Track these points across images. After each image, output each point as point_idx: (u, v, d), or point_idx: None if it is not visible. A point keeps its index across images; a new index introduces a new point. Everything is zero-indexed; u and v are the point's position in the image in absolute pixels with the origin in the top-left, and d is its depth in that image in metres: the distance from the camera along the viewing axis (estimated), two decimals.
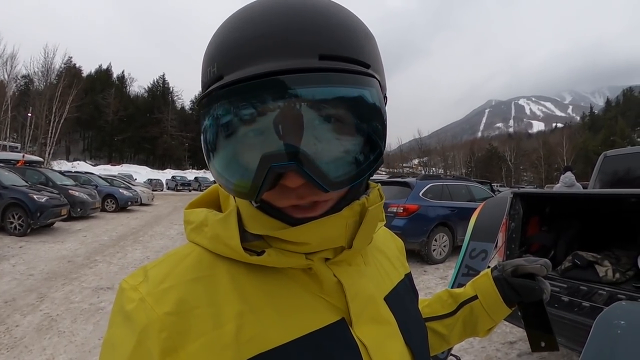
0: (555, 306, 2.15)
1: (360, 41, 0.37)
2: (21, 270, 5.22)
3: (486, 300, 0.63)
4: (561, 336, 2.07)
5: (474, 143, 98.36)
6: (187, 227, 0.44)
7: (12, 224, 7.69)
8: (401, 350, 0.45)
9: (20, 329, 3.31)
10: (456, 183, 7.56)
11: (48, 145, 38.30)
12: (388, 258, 0.55)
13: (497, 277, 0.63)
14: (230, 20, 0.37)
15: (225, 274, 0.39)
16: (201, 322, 0.35)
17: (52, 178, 10.93)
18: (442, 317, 0.65)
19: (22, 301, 4.00)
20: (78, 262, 5.84)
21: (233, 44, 0.35)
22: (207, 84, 0.36)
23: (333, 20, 0.35)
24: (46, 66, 45.02)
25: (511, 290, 0.61)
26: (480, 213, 2.80)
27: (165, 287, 0.37)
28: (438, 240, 6.54)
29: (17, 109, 39.40)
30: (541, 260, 0.62)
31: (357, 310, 0.42)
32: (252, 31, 0.34)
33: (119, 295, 0.38)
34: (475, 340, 3.40)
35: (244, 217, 0.41)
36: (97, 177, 16.05)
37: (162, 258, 0.41)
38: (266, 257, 0.38)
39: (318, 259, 0.41)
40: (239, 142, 0.34)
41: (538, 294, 0.60)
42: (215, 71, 0.35)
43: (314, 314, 0.40)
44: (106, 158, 61.29)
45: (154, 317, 0.35)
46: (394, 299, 0.49)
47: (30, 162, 13.26)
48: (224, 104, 0.33)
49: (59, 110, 39.47)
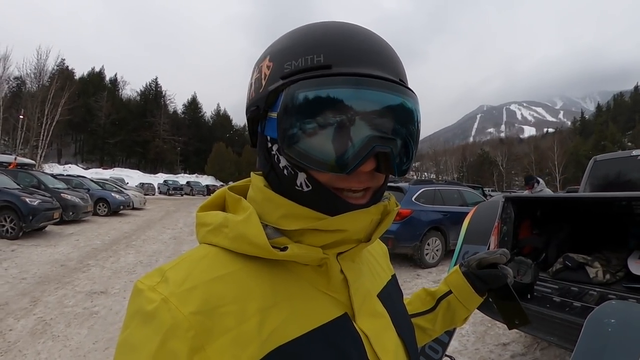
0: (547, 306, 2.18)
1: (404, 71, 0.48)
2: (14, 273, 5.18)
3: (460, 293, 0.71)
4: (553, 335, 2.11)
5: (465, 148, 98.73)
6: (203, 229, 0.46)
7: (4, 227, 7.61)
8: (395, 341, 0.50)
9: (14, 333, 3.29)
10: (448, 188, 7.65)
11: (40, 148, 37.76)
12: (376, 260, 0.61)
13: (465, 272, 0.72)
14: (337, 27, 0.44)
15: (243, 272, 0.41)
16: (225, 319, 0.37)
17: (44, 181, 10.82)
18: (424, 313, 0.73)
19: (15, 305, 3.97)
20: (71, 266, 5.81)
21: (348, 46, 0.42)
22: (305, 68, 0.41)
23: (398, 55, 0.47)
24: (39, 68, 44.37)
25: (479, 280, 0.70)
26: (473, 217, 2.85)
27: (187, 287, 0.38)
28: (431, 244, 6.60)
29: (9, 111, 38.77)
30: (499, 250, 0.71)
31: (358, 305, 0.47)
32: (364, 42, 0.43)
33: (136, 297, 0.39)
34: (469, 341, 3.44)
35: (274, 217, 0.44)
36: (89, 180, 15.93)
37: (178, 260, 0.42)
38: (290, 252, 0.41)
39: (332, 253, 0.45)
40: (349, 123, 0.39)
41: (503, 279, 0.68)
42: (321, 60, 0.41)
43: (321, 308, 0.44)
44: (98, 161, 60.61)
45: (180, 317, 0.36)
46: (385, 296, 0.54)
47: (22, 164, 13.09)
48: (347, 89, 0.39)
49: (51, 112, 38.94)
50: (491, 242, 3.16)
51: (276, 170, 0.44)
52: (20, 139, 38.40)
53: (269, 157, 0.45)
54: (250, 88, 0.48)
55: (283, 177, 0.44)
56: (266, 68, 0.44)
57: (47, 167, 35.21)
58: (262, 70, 0.45)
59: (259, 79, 0.45)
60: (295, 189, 0.43)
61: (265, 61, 0.45)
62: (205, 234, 0.45)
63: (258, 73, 0.46)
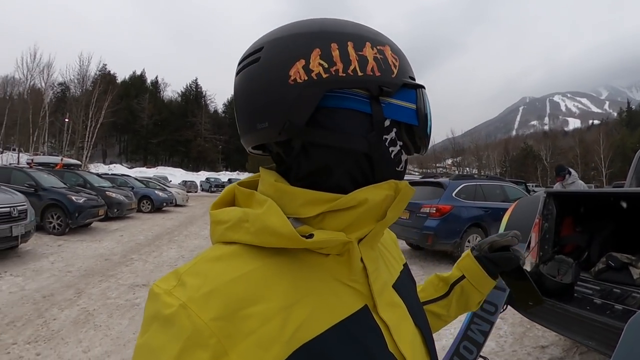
0: (587, 308, 2.07)
1: None
2: (60, 267, 5.48)
3: (473, 277, 0.72)
4: (592, 339, 1.99)
5: (508, 142, 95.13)
6: (220, 227, 0.45)
7: (51, 224, 8.07)
8: (413, 330, 0.51)
9: (58, 322, 3.48)
10: (490, 183, 7.40)
11: (85, 149, 40.10)
12: (387, 250, 0.61)
13: (477, 256, 0.73)
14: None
15: (264, 269, 0.40)
16: (248, 321, 0.36)
17: (89, 180, 11.43)
18: (438, 299, 0.74)
19: (60, 296, 4.20)
20: (115, 260, 6.07)
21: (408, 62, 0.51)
22: (413, 78, 0.50)
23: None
24: (81, 73, 47.15)
25: (492, 264, 0.71)
26: (512, 213, 2.72)
27: (205, 291, 0.37)
28: (471, 241, 6.40)
29: (55, 115, 41.51)
30: (511, 232, 0.72)
31: (378, 294, 0.47)
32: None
33: (152, 300, 0.38)
34: (507, 342, 3.33)
35: (293, 208, 0.44)
36: (133, 179, 16.62)
37: (194, 261, 0.41)
38: (317, 238, 0.41)
39: (354, 238, 0.45)
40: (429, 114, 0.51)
41: (515, 261, 0.69)
42: (412, 75, 0.51)
43: (342, 301, 0.44)
44: (142, 161, 63.25)
45: (200, 324, 0.35)
46: (400, 286, 0.54)
47: (68, 165, 13.93)
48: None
49: (95, 115, 41.23)
50: (531, 239, 3.03)
51: (379, 151, 0.46)
52: (67, 141, 40.88)
53: (379, 137, 0.46)
54: (360, 60, 0.44)
55: (388, 160, 0.47)
56: (393, 58, 0.47)
57: (93, 167, 37.29)
58: (388, 57, 0.46)
59: (385, 61, 0.46)
60: (396, 169, 0.48)
61: (387, 49, 0.47)
62: (224, 231, 0.44)
63: (380, 55, 0.46)
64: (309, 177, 0.45)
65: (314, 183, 0.45)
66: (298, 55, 0.43)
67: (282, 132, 0.43)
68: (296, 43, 0.44)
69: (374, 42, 0.46)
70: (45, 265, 5.54)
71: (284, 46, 0.44)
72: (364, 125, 0.45)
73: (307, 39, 0.44)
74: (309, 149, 0.44)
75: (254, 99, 0.45)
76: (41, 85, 43.63)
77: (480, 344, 2.12)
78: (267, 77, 0.44)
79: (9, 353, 2.89)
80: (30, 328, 3.32)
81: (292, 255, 0.43)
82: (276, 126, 0.43)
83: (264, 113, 0.44)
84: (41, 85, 43.63)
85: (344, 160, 0.45)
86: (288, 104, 0.42)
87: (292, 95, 0.42)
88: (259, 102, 0.44)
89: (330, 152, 0.44)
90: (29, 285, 4.56)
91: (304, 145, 0.45)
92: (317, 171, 0.45)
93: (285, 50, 0.44)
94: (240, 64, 0.47)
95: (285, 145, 0.46)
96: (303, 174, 0.46)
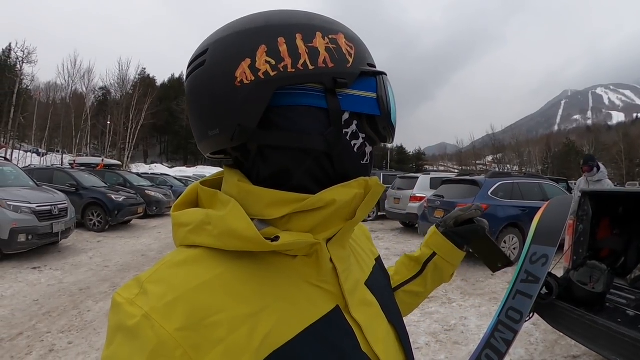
0: (618, 321, 1.91)
1: None
2: (97, 262, 5.75)
3: (444, 253, 0.74)
4: (620, 356, 1.82)
5: (550, 137, 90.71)
6: (182, 230, 0.43)
7: (92, 221, 8.51)
8: (386, 328, 0.50)
9: (92, 313, 3.65)
10: (528, 181, 7.09)
11: (126, 150, 42.09)
12: (360, 246, 0.59)
13: (444, 232, 0.74)
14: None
15: (229, 274, 0.39)
16: (215, 330, 0.35)
17: (129, 180, 11.96)
18: (413, 279, 0.75)
19: (96, 289, 4.40)
20: (151, 256, 6.30)
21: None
22: (372, 65, 0.48)
23: None
24: (121, 77, 49.23)
25: (459, 237, 0.73)
26: (544, 213, 2.56)
27: (169, 300, 0.35)
28: (507, 242, 6.19)
29: (97, 118, 43.81)
30: (474, 205, 0.76)
31: (349, 294, 0.46)
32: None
33: (115, 310, 0.37)
34: (537, 351, 3.17)
35: (258, 209, 0.42)
36: (173, 178, 17.27)
37: (156, 267, 0.39)
38: (282, 241, 0.39)
39: (322, 238, 0.43)
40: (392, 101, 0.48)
41: (482, 231, 0.73)
42: (371, 62, 0.48)
43: (313, 304, 0.42)
44: (182, 160, 65.26)
45: (164, 336, 0.33)
46: (372, 283, 0.53)
47: (109, 165, 14.65)
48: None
49: (136, 117, 43.16)
50: (565, 242, 2.85)
51: (339, 147, 0.44)
52: (109, 143, 43.06)
53: (338, 133, 0.43)
54: (311, 53, 0.42)
55: (351, 154, 0.45)
56: (347, 47, 0.44)
57: (134, 167, 39.00)
58: (342, 46, 0.44)
59: (338, 51, 0.43)
60: (361, 163, 0.47)
61: (340, 37, 0.44)
62: (186, 234, 0.42)
63: (333, 44, 0.43)
64: (270, 179, 0.43)
65: (276, 185, 0.43)
66: (243, 55, 0.41)
67: (234, 138, 0.41)
68: (241, 41, 0.41)
69: (325, 31, 0.43)
70: (83, 260, 5.82)
71: (228, 46, 0.42)
72: (322, 121, 0.42)
73: (252, 36, 0.41)
74: (265, 152, 0.43)
75: (202, 105, 0.43)
76: (83, 90, 46.08)
77: (502, 353, 2.02)
78: (213, 81, 0.41)
79: (42, 341, 3.05)
80: (64, 318, 3.50)
81: (259, 258, 0.41)
82: (227, 132, 0.41)
83: (213, 119, 0.42)
84: (83, 90, 46.08)
85: (303, 160, 0.43)
86: (236, 108, 0.40)
87: (239, 98, 0.40)
88: (207, 108, 0.43)
89: (288, 154, 0.42)
90: (67, 278, 4.80)
91: (260, 148, 0.43)
92: (277, 173, 0.43)
93: (230, 50, 0.41)
94: (188, 69, 0.45)
95: (242, 149, 0.44)
96: (263, 176, 0.44)
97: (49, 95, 47.14)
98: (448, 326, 3.68)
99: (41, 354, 2.86)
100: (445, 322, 3.78)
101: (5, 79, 36.69)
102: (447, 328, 3.64)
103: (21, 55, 38.09)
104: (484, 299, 4.50)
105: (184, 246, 0.42)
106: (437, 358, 3.06)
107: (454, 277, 5.33)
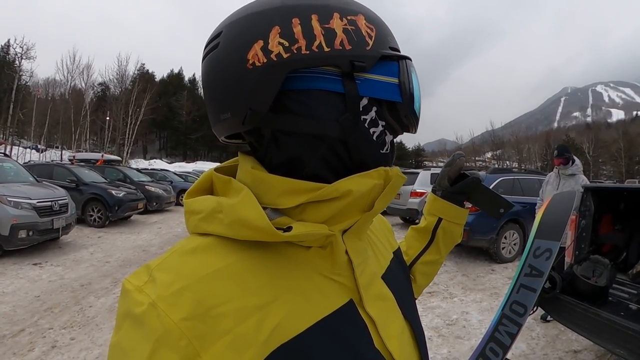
0: (621, 314, 1.92)
1: None
2: (98, 257, 5.74)
3: (449, 215, 0.74)
4: (624, 349, 1.84)
5: (549, 134, 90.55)
6: (194, 217, 0.42)
7: (92, 217, 8.48)
8: (401, 323, 0.48)
9: (94, 309, 3.65)
10: (528, 177, 7.10)
11: (126, 146, 42.02)
12: (379, 239, 0.58)
13: (442, 195, 0.74)
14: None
15: (240, 264, 0.38)
16: (221, 321, 0.34)
17: (129, 175, 11.88)
18: (426, 249, 0.75)
19: (98, 285, 4.40)
20: (152, 251, 6.30)
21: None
22: (395, 48, 0.46)
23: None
24: (120, 73, 49.10)
25: (458, 195, 0.74)
26: (547, 208, 2.57)
27: (176, 288, 0.35)
28: (508, 237, 6.21)
29: (96, 114, 43.64)
30: (455, 154, 0.75)
31: (364, 288, 0.44)
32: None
33: (124, 297, 0.37)
34: (539, 345, 3.19)
35: (271, 197, 0.41)
36: (172, 173, 17.14)
37: (166, 254, 0.39)
38: (295, 232, 0.38)
39: (337, 230, 0.42)
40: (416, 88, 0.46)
41: (477, 182, 0.73)
42: (394, 45, 0.46)
43: (325, 297, 0.41)
44: (181, 156, 64.91)
45: (170, 325, 0.33)
46: (389, 277, 0.51)
47: (109, 161, 14.64)
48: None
49: (135, 113, 43.03)
50: (567, 237, 2.86)
51: (356, 134, 0.42)
52: (108, 138, 42.94)
53: (355, 119, 0.41)
54: (327, 34, 0.40)
55: (369, 142, 0.43)
56: (367, 28, 0.42)
57: (133, 162, 38.85)
58: (361, 27, 0.42)
59: (357, 32, 0.41)
60: (381, 152, 0.45)
61: (359, 19, 0.42)
62: (197, 222, 0.41)
63: (351, 25, 0.41)
64: (284, 166, 0.42)
65: (290, 172, 0.41)
66: (256, 36, 0.39)
67: (245, 122, 0.40)
68: (254, 23, 0.40)
69: (343, 11, 0.41)
70: (84, 255, 5.81)
71: (241, 28, 0.41)
72: (338, 107, 0.41)
73: (266, 17, 0.40)
74: (279, 137, 0.42)
75: (215, 88, 0.42)
76: (82, 86, 45.85)
77: (506, 346, 2.03)
78: (226, 64, 0.41)
79: (45, 337, 3.05)
80: (66, 314, 3.50)
81: (271, 248, 0.40)
82: (239, 116, 0.40)
83: (225, 102, 0.42)
84: (82, 86, 45.85)
85: (317, 147, 0.41)
86: (247, 91, 0.39)
87: (251, 81, 0.39)
88: (220, 92, 0.42)
89: (301, 139, 0.41)
90: (68, 274, 4.80)
91: (274, 133, 0.41)
92: (291, 160, 0.42)
93: (243, 32, 0.40)
94: (204, 52, 0.44)
95: (255, 134, 0.43)
96: (277, 163, 0.42)
97: (47, 91, 46.97)
98: (450, 321, 3.69)
99: (44, 350, 2.86)
100: (447, 316, 3.80)
101: (4, 75, 36.52)
102: (448, 322, 3.65)
103: (20, 51, 37.87)
104: (485, 294, 4.51)
105: (196, 234, 0.41)
106: (440, 352, 3.07)
107: (455, 272, 5.40)
